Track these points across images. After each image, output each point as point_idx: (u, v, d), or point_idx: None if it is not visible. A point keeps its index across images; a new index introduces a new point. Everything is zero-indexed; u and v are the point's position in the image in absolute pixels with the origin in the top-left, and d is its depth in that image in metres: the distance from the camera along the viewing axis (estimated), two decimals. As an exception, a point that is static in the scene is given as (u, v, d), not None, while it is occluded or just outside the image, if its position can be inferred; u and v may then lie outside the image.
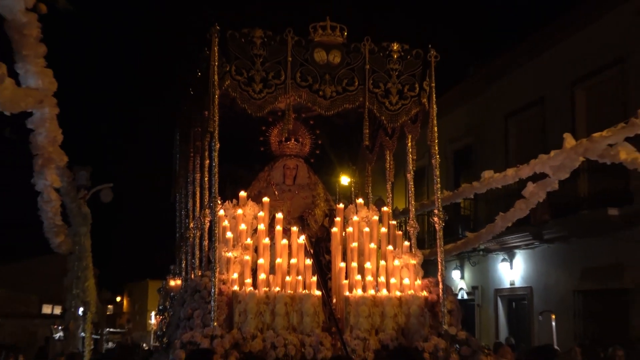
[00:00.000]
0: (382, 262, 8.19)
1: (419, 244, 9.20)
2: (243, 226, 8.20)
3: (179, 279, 10.02)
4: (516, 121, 18.55)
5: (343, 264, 8.13)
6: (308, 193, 9.40)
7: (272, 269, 7.71)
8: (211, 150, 7.87)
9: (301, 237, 8.09)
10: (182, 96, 9.77)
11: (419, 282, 8.21)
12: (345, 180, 12.33)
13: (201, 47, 8.07)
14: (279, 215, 8.31)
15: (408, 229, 9.07)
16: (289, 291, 7.49)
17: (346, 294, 7.79)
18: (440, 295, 8.01)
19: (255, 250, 7.96)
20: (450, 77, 19.81)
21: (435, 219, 8.62)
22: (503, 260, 18.62)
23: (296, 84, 7.99)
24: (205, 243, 8.47)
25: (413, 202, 9.24)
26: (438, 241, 8.48)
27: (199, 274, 8.37)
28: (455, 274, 20.45)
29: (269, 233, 8.12)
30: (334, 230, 8.50)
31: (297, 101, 8.21)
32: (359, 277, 7.92)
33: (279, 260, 7.72)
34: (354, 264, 8.05)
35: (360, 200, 9.34)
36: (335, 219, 8.72)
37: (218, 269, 7.40)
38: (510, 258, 18.36)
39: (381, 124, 8.87)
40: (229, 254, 7.70)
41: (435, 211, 8.68)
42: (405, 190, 9.42)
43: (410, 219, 9.15)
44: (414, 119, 8.66)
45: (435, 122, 8.50)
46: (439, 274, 8.20)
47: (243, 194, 8.86)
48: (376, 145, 9.83)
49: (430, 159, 8.68)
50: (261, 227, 8.21)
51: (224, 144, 7.98)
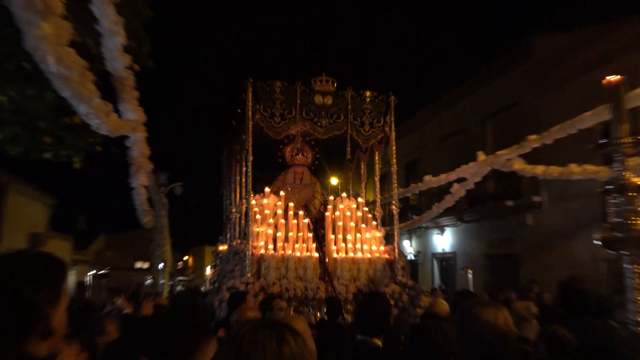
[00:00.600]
0: (358, 235, 8.18)
1: (382, 223, 9.18)
2: (267, 211, 8.22)
3: (225, 245, 10.01)
4: (446, 143, 18.49)
5: (333, 236, 8.12)
6: (310, 189, 9.40)
7: (286, 239, 7.71)
8: (247, 160, 7.90)
9: (305, 219, 8.10)
10: (228, 126, 9.77)
11: (382, 248, 8.20)
12: (334, 181, 12.34)
13: (240, 93, 8.09)
14: (291, 204, 8.31)
15: (375, 213, 9.06)
16: (297, 254, 7.50)
17: (334, 256, 7.80)
18: (396, 257, 8.01)
19: (275, 226, 7.96)
20: (404, 114, 19.80)
21: (394, 207, 8.64)
22: (437, 234, 18.57)
23: (302, 118, 8.01)
24: (242, 222, 8.48)
25: (379, 196, 9.24)
26: (395, 221, 8.48)
27: (238, 242, 8.37)
28: (406, 243, 20.36)
29: (284, 215, 8.12)
30: (327, 214, 8.50)
31: (303, 129, 8.24)
32: (343, 245, 7.94)
33: (291, 234, 7.73)
34: (340, 236, 8.06)
35: (344, 194, 9.34)
36: (327, 207, 8.72)
37: (251, 239, 7.42)
38: (442, 232, 18.31)
39: (358, 145, 8.85)
40: (258, 229, 7.70)
41: (393, 202, 8.70)
42: (374, 188, 9.38)
43: (377, 207, 9.16)
44: (379, 141, 8.68)
45: (394, 144, 8.51)
46: (395, 243, 8.21)
47: (267, 189, 8.88)
48: (355, 158, 9.84)
49: (390, 167, 8.67)
50: (279, 212, 8.23)
51: (255, 157, 8.00)
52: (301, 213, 8.16)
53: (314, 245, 7.78)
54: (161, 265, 14.29)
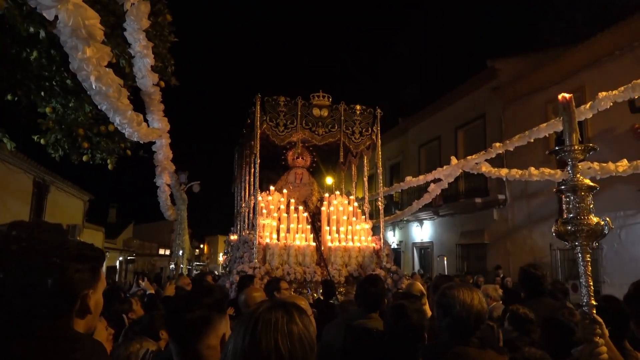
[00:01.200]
0: (350, 227, 8.19)
1: (370, 217, 9.20)
2: (272, 206, 8.21)
3: (236, 235, 10.01)
4: (424, 149, 18.51)
5: (327, 228, 8.12)
6: (308, 188, 9.40)
7: (288, 230, 7.71)
8: (255, 163, 7.89)
9: (304, 213, 8.11)
10: (240, 133, 9.78)
11: (370, 238, 8.21)
12: (329, 180, 12.33)
13: (250, 106, 8.09)
14: (292, 200, 8.32)
15: (364, 208, 9.07)
16: (297, 243, 7.49)
17: (329, 244, 7.80)
18: (381, 245, 8.03)
19: (279, 219, 7.96)
20: (389, 123, 19.84)
21: (379, 203, 8.66)
22: (417, 226, 18.57)
23: (302, 127, 8.01)
24: (251, 215, 8.48)
25: (367, 193, 9.26)
26: (380, 215, 8.50)
27: (247, 232, 8.37)
28: (390, 234, 20.36)
29: (287, 210, 8.13)
30: (323, 209, 8.51)
31: (303, 137, 8.21)
32: (336, 235, 7.94)
33: (292, 226, 7.72)
34: (334, 227, 8.06)
35: (337, 192, 9.35)
36: (323, 202, 8.73)
37: (258, 230, 7.42)
38: (421, 225, 18.31)
39: (349, 150, 8.86)
40: (264, 221, 7.70)
41: (379, 198, 8.72)
42: (363, 187, 9.39)
43: (366, 203, 9.17)
44: (367, 147, 8.66)
45: (379, 149, 8.52)
46: (381, 233, 8.21)
47: (272, 188, 8.87)
48: (347, 161, 9.83)
49: (376, 169, 8.69)
50: (282, 207, 8.22)
51: (262, 160, 8.01)
52: (301, 208, 8.16)
53: (312, 236, 7.79)
54: (180, 252, 14.25)
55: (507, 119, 13.43)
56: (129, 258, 28.78)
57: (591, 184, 1.76)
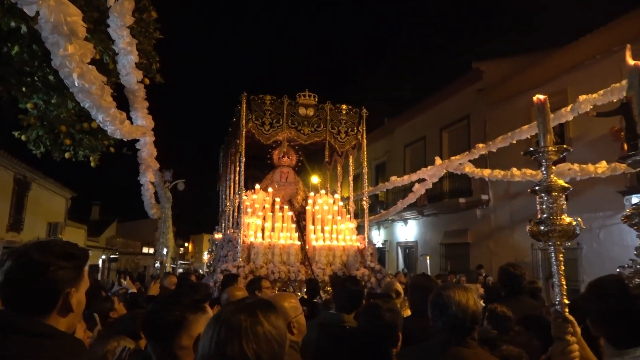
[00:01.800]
0: (334, 226, 8.21)
1: (355, 216, 9.23)
2: (257, 205, 8.19)
3: (221, 234, 9.97)
4: (410, 149, 18.60)
5: (312, 227, 8.13)
6: (294, 187, 9.39)
7: (273, 229, 7.70)
8: (240, 162, 7.87)
9: (289, 212, 8.11)
10: (225, 132, 9.74)
11: (355, 237, 8.23)
12: (315, 179, 12.34)
13: (236, 105, 8.06)
14: (277, 199, 8.30)
15: (349, 207, 9.10)
16: (282, 242, 7.49)
17: (313, 243, 7.81)
18: (366, 245, 8.06)
19: (264, 218, 7.95)
20: (375, 124, 19.91)
21: (364, 202, 8.70)
22: (401, 225, 18.64)
23: (288, 126, 8.01)
24: (235, 214, 8.45)
25: (352, 193, 9.30)
26: (365, 215, 8.54)
27: (232, 231, 8.34)
28: (375, 233, 20.41)
29: (272, 209, 8.11)
30: (308, 208, 8.51)
31: (289, 136, 8.22)
32: (321, 234, 7.96)
33: (277, 225, 7.71)
34: (319, 226, 8.07)
35: (322, 191, 9.36)
36: (308, 202, 8.74)
37: (242, 229, 7.40)
38: (405, 224, 18.39)
39: (335, 150, 8.89)
40: (249, 220, 7.68)
41: (364, 198, 8.75)
42: (348, 186, 9.43)
43: (351, 202, 9.21)
44: (353, 147, 8.70)
45: (365, 149, 8.56)
46: (365, 233, 8.26)
47: (257, 187, 8.85)
48: (332, 161, 9.85)
49: (362, 169, 8.73)
50: (267, 206, 8.21)
51: (248, 158, 7.99)
52: (286, 207, 8.17)
53: (297, 235, 7.79)
54: (165, 250, 14.16)
55: (491, 121, 13.57)
56: (112, 256, 28.45)
57: (564, 185, 1.80)
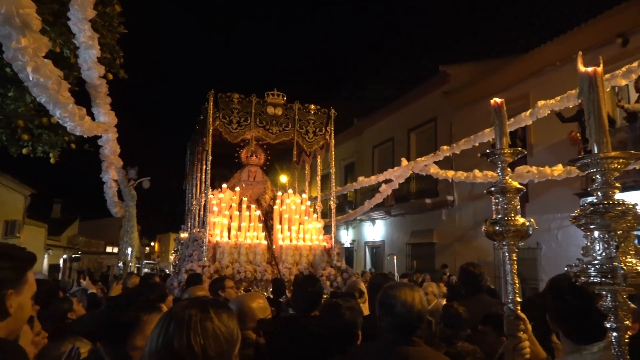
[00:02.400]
0: (301, 226, 8.21)
1: (323, 216, 9.25)
2: (224, 204, 8.11)
3: (186, 233, 9.82)
4: (378, 150, 18.79)
5: (279, 226, 8.11)
6: (262, 186, 9.33)
7: (240, 228, 7.64)
8: (206, 160, 7.76)
9: (257, 211, 8.06)
10: (192, 130, 9.60)
11: (321, 237, 8.26)
12: (283, 179, 12.31)
13: (203, 102, 7.96)
14: (245, 199, 8.25)
15: (317, 207, 9.12)
16: (248, 241, 7.44)
17: (280, 243, 7.79)
18: (332, 244, 8.10)
19: (230, 217, 7.87)
20: (344, 124, 20.04)
21: (332, 202, 8.73)
22: (369, 225, 18.79)
23: (256, 125, 7.96)
24: (202, 213, 8.34)
25: (320, 193, 9.34)
26: (332, 215, 8.58)
27: (197, 230, 8.23)
28: (344, 233, 20.51)
29: (239, 208, 8.05)
30: (276, 207, 8.49)
31: (257, 135, 8.17)
32: (288, 234, 7.95)
33: (243, 224, 7.66)
34: (286, 226, 8.06)
35: (290, 191, 9.34)
36: (276, 201, 8.71)
37: (208, 228, 7.32)
38: (373, 224, 18.55)
39: (303, 149, 8.89)
40: (215, 219, 7.60)
41: (331, 198, 8.79)
42: (316, 186, 9.45)
43: (318, 202, 9.23)
44: (321, 147, 8.73)
45: (332, 149, 8.59)
46: (332, 232, 8.30)
47: (224, 185, 8.76)
48: (300, 161, 9.85)
49: (329, 169, 8.75)
50: (234, 205, 8.13)
51: (215, 157, 7.89)
52: (253, 206, 8.11)
53: (264, 234, 7.75)
54: (129, 249, 13.85)
55: (457, 123, 13.84)
56: (73, 256, 27.62)
57: (519, 187, 1.85)
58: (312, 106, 8.41)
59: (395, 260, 13.84)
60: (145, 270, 26.63)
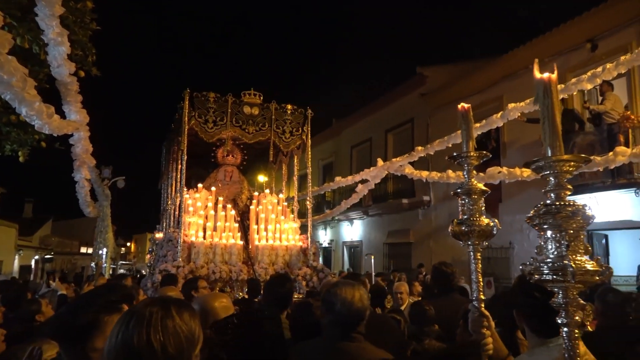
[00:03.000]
0: (278, 226, 8.20)
1: (300, 216, 9.26)
2: (199, 204, 8.04)
3: (162, 233, 9.71)
4: (356, 150, 18.89)
5: (256, 226, 8.09)
6: (238, 186, 9.27)
7: (215, 228, 7.59)
8: (182, 159, 7.69)
9: (232, 211, 8.02)
10: (168, 129, 9.49)
11: (298, 237, 8.27)
12: (261, 178, 12.26)
13: (178, 102, 7.88)
14: (221, 198, 8.19)
15: (293, 207, 9.13)
16: (224, 241, 7.40)
17: (256, 243, 7.77)
18: (309, 244, 8.12)
19: (206, 217, 7.81)
20: (323, 125, 20.11)
21: (308, 202, 8.75)
22: (347, 225, 18.89)
23: (232, 125, 7.92)
24: (177, 213, 8.26)
25: (297, 193, 9.34)
26: (309, 214, 8.60)
27: (172, 230, 8.14)
28: (322, 233, 20.55)
29: (214, 208, 7.99)
30: (252, 207, 8.46)
31: (233, 134, 8.13)
32: (264, 234, 7.93)
33: (219, 224, 7.62)
34: (262, 226, 8.04)
35: (267, 191, 9.33)
36: (253, 201, 8.68)
37: (183, 228, 7.25)
38: (351, 224, 18.64)
39: (280, 149, 8.88)
40: (190, 219, 7.53)
41: (308, 198, 8.81)
42: (294, 186, 9.45)
43: (295, 202, 9.24)
44: (298, 147, 8.74)
45: (309, 149, 8.59)
46: (309, 232, 8.32)
47: (200, 185, 8.70)
48: (277, 161, 9.83)
49: (306, 169, 8.76)
50: (210, 205, 8.07)
51: (190, 156, 7.82)
52: (229, 206, 8.07)
53: (239, 234, 7.72)
54: (104, 250, 13.62)
55: (434, 124, 14.02)
56: (46, 257, 26.98)
57: (483, 188, 1.89)
58: (289, 106, 8.41)
59: (372, 260, 13.94)
60: (121, 271, 26.20)
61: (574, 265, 1.11)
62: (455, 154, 1.93)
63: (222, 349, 2.07)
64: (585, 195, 8.98)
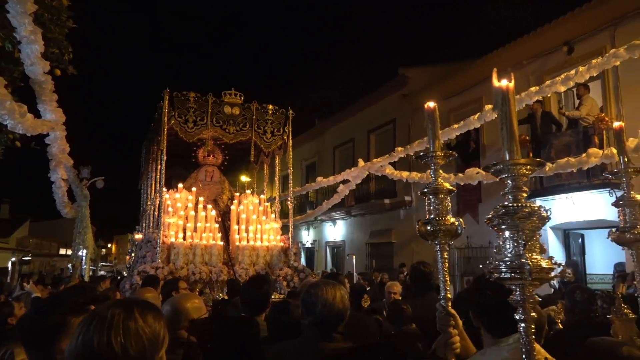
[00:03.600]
0: (259, 226, 8.18)
1: (281, 216, 9.25)
2: (179, 204, 7.98)
3: (141, 234, 9.61)
4: (339, 150, 18.91)
5: (237, 227, 8.06)
6: (219, 186, 9.24)
7: (195, 229, 7.55)
8: (161, 159, 7.61)
9: (213, 211, 7.98)
10: (147, 128, 9.40)
11: (279, 237, 8.26)
12: (243, 178, 12.23)
13: (158, 101, 7.81)
14: (202, 199, 8.14)
15: (275, 207, 9.12)
16: (204, 242, 7.37)
17: (237, 243, 7.75)
18: (290, 245, 8.12)
19: (186, 218, 7.76)
20: (306, 126, 20.13)
21: (289, 203, 8.75)
22: (330, 225, 18.86)
23: (213, 125, 7.89)
24: (156, 213, 8.19)
25: (278, 193, 9.33)
26: (290, 215, 8.60)
27: (152, 231, 8.07)
28: (305, 233, 20.50)
29: (195, 208, 7.94)
30: (233, 207, 8.43)
31: (214, 134, 8.10)
32: (245, 234, 7.91)
33: (199, 224, 7.57)
34: (243, 227, 8.02)
35: (248, 191, 9.31)
36: (234, 201, 8.65)
37: (162, 229, 7.19)
38: (334, 224, 18.63)
39: (261, 149, 8.87)
40: (169, 220, 7.47)
41: (289, 198, 8.81)
42: (276, 186, 9.44)
43: (276, 202, 9.22)
44: (279, 147, 8.73)
45: (290, 150, 8.60)
46: (290, 232, 8.31)
47: (181, 185, 8.64)
48: (259, 161, 9.82)
49: (288, 170, 8.76)
50: (190, 205, 8.02)
51: (171, 156, 7.76)
52: (210, 207, 8.03)
53: (220, 235, 7.69)
54: (84, 252, 13.42)
55: (415, 125, 14.11)
56: (23, 258, 26.45)
57: (450, 188, 1.92)
58: (270, 106, 8.41)
59: (354, 260, 13.99)
60: (102, 273, 25.82)
61: (530, 263, 1.14)
62: (421, 153, 1.95)
63: (198, 349, 2.07)
64: (562, 195, 9.16)
